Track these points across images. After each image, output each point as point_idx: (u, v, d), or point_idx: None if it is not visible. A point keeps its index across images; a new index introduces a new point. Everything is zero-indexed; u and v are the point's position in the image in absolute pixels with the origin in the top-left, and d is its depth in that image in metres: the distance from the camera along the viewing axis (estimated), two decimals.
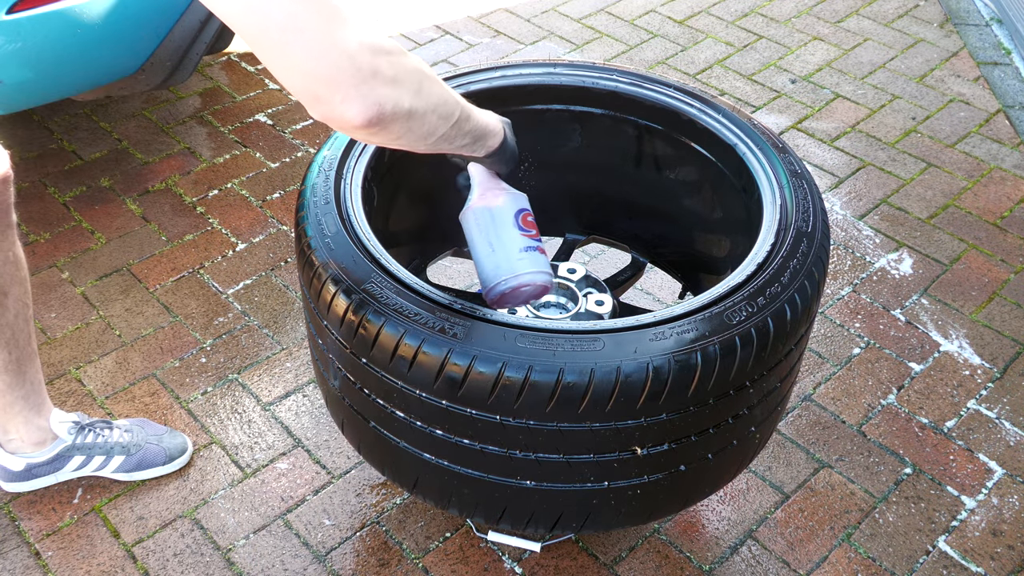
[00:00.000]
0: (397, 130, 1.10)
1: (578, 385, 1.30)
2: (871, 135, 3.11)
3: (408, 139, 1.15)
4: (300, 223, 1.53)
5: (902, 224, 2.75)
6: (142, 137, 3.00)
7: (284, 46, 1.00)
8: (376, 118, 1.05)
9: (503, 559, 1.88)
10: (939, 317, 2.46)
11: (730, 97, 3.28)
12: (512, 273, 1.51)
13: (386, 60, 1.06)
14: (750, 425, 1.51)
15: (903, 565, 1.90)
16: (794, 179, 1.62)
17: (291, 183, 2.84)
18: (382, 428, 1.48)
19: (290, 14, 0.99)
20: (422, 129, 1.15)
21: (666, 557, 1.90)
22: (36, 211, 2.70)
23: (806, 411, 2.20)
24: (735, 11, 3.80)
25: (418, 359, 1.33)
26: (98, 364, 2.26)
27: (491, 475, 1.44)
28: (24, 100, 2.47)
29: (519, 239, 1.51)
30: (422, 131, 1.15)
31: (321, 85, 1.02)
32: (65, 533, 1.91)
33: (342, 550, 1.90)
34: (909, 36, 3.65)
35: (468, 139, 1.32)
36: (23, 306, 1.76)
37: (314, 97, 1.03)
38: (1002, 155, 3.03)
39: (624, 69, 1.86)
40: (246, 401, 2.19)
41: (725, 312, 1.38)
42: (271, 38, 1.00)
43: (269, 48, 1.01)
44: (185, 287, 2.48)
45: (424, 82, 1.13)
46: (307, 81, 1.02)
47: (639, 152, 1.89)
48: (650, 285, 2.51)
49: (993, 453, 2.12)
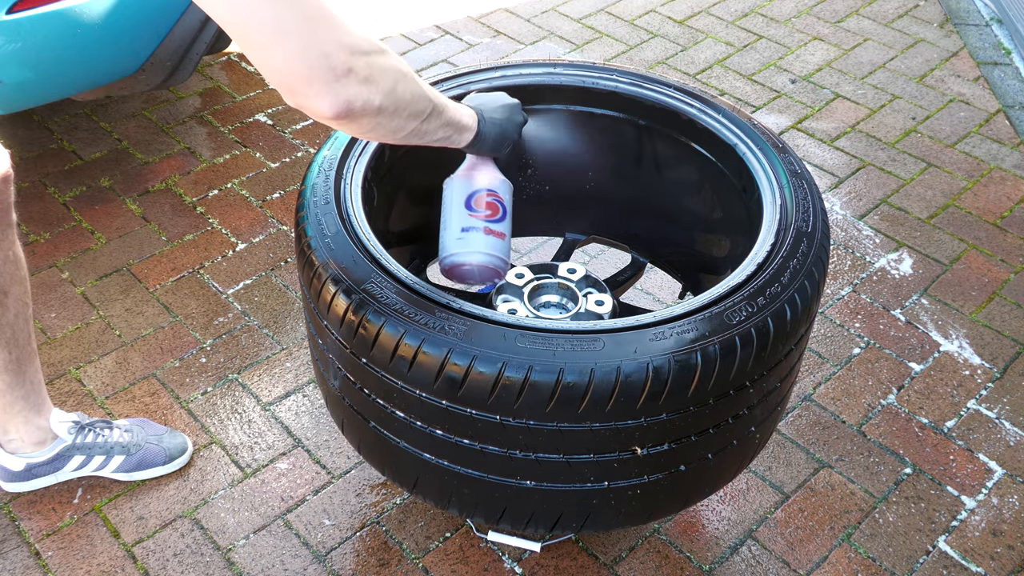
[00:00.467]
0: (367, 124, 1.19)
1: (578, 385, 1.30)
2: (871, 135, 3.11)
3: (379, 132, 1.24)
4: (300, 223, 1.53)
5: (902, 224, 2.75)
6: (142, 137, 3.00)
7: (264, 46, 1.08)
8: (345, 112, 1.13)
9: (503, 559, 1.88)
10: (939, 317, 2.46)
11: (730, 97, 3.28)
12: (447, 252, 1.55)
13: (363, 61, 1.13)
14: (750, 425, 1.51)
15: (903, 565, 1.90)
16: (794, 179, 1.62)
17: (291, 183, 2.84)
18: (382, 428, 1.48)
19: (274, 16, 1.06)
20: (392, 124, 1.23)
21: (666, 557, 1.90)
22: (36, 211, 2.70)
23: (806, 411, 2.20)
24: (735, 11, 3.80)
25: (418, 359, 1.33)
26: (98, 364, 2.26)
27: (491, 475, 1.44)
28: (24, 100, 2.47)
29: (463, 219, 1.55)
30: (391, 126, 1.24)
31: (297, 80, 1.10)
32: (65, 533, 1.91)
33: (342, 550, 1.90)
34: (909, 36, 3.65)
35: (443, 133, 1.40)
36: (23, 306, 1.77)
37: (289, 89, 1.11)
38: (1002, 155, 3.03)
39: (624, 69, 1.86)
40: (246, 401, 2.19)
41: (725, 312, 1.38)
42: (254, 38, 1.08)
43: (252, 45, 1.09)
44: (185, 287, 2.48)
45: (399, 82, 1.21)
46: (283, 76, 1.10)
47: (639, 152, 1.89)
48: (650, 285, 2.51)
49: (993, 453, 2.12)
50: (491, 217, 1.56)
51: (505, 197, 1.60)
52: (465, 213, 1.56)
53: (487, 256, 1.55)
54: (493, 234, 1.56)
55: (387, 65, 1.19)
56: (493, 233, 1.56)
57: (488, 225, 1.56)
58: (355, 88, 1.12)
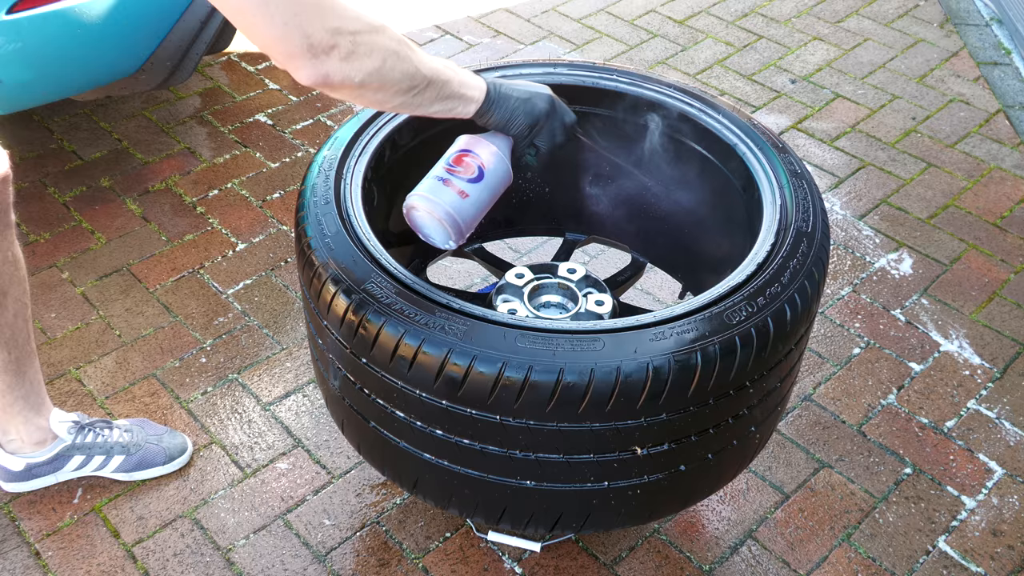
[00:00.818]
0: (349, 94, 1.29)
1: (578, 385, 1.30)
2: (871, 135, 3.11)
3: (363, 102, 1.33)
4: (300, 223, 1.53)
5: (902, 224, 2.75)
6: (142, 137, 3.00)
7: (253, 27, 1.18)
8: (322, 83, 1.23)
9: (503, 559, 1.88)
10: (939, 317, 2.46)
11: (730, 97, 3.28)
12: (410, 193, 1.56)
13: (347, 40, 1.22)
14: (750, 425, 1.51)
15: (903, 565, 1.90)
16: (794, 179, 1.62)
17: (291, 183, 2.84)
18: (382, 428, 1.48)
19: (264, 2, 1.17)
20: (376, 97, 1.32)
21: (666, 557, 1.90)
22: (36, 211, 2.70)
23: (806, 411, 2.20)
24: (735, 11, 3.80)
25: (418, 359, 1.33)
26: (98, 364, 2.26)
27: (491, 475, 1.44)
28: (24, 100, 2.47)
29: (438, 170, 1.57)
30: (376, 99, 1.33)
31: (278, 54, 1.21)
32: (65, 533, 1.91)
33: (342, 550, 1.90)
34: (909, 36, 3.65)
35: (440, 106, 1.43)
36: (22, 306, 1.77)
37: (273, 58, 1.22)
38: (1002, 155, 3.03)
39: (624, 69, 1.86)
40: (246, 401, 2.19)
41: (725, 312, 1.38)
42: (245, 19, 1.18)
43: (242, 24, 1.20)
44: (185, 287, 2.48)
45: (388, 60, 1.28)
46: (267, 48, 1.21)
47: (639, 152, 1.89)
48: (650, 285, 2.51)
49: (993, 453, 2.12)
50: (462, 175, 1.56)
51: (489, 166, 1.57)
52: (443, 165, 1.58)
53: (438, 206, 1.53)
54: (456, 190, 1.55)
55: (377, 44, 1.26)
56: (456, 190, 1.55)
57: (456, 181, 1.56)
58: (335, 64, 1.21)
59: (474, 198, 1.56)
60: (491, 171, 1.57)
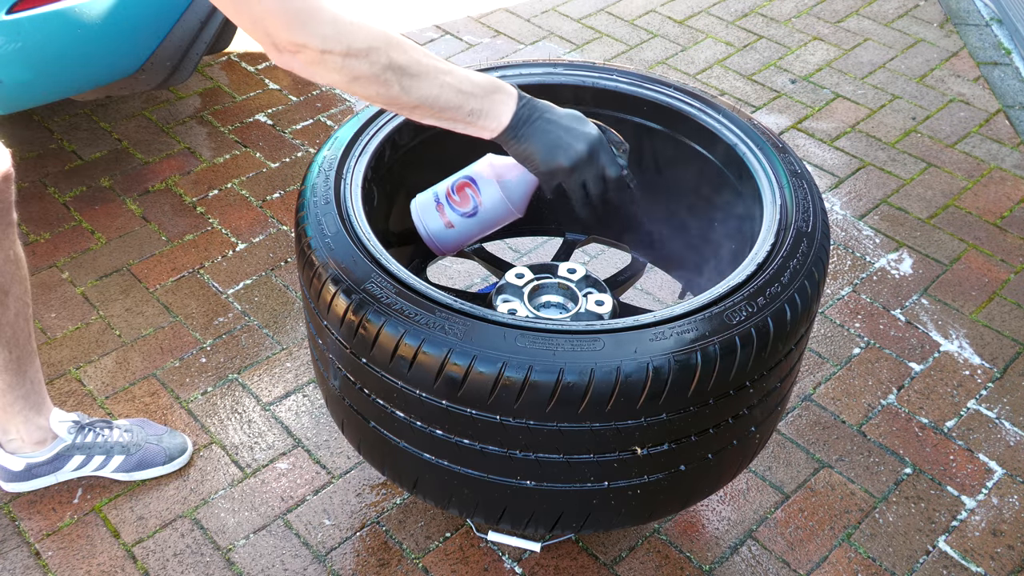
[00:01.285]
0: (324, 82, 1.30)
1: (578, 385, 1.30)
2: (871, 135, 3.11)
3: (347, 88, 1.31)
4: (300, 223, 1.53)
5: (902, 224, 2.75)
6: (142, 137, 3.00)
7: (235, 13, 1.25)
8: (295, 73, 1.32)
9: (503, 559, 1.88)
10: (939, 317, 2.46)
11: (730, 97, 3.28)
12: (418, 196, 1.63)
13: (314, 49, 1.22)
14: (750, 425, 1.51)
15: (903, 565, 1.90)
16: (794, 179, 1.62)
17: (291, 183, 2.84)
18: (382, 428, 1.48)
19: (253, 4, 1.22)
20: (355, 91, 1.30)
21: (666, 557, 1.90)
22: (36, 211, 2.70)
23: (806, 411, 2.20)
24: (735, 11, 3.80)
25: (418, 359, 1.33)
26: (98, 364, 2.26)
27: (491, 475, 1.44)
28: (24, 100, 2.47)
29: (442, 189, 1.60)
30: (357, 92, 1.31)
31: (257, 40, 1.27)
32: (65, 533, 1.91)
33: (342, 550, 1.90)
34: (909, 36, 3.65)
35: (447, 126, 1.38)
36: (23, 305, 1.77)
37: None
38: (1002, 155, 3.03)
39: (624, 69, 1.86)
40: (246, 401, 2.19)
41: (725, 312, 1.38)
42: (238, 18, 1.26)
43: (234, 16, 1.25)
44: (185, 287, 2.48)
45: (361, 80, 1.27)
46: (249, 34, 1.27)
47: (639, 152, 1.89)
48: (650, 285, 2.51)
49: (993, 453, 2.12)
50: (457, 206, 1.58)
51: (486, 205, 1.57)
52: (447, 186, 1.60)
53: (422, 227, 1.61)
54: (443, 220, 1.59)
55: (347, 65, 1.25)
56: (444, 220, 1.59)
57: (448, 211, 1.59)
58: (299, 65, 1.26)
59: (459, 231, 1.60)
60: (486, 210, 1.59)
